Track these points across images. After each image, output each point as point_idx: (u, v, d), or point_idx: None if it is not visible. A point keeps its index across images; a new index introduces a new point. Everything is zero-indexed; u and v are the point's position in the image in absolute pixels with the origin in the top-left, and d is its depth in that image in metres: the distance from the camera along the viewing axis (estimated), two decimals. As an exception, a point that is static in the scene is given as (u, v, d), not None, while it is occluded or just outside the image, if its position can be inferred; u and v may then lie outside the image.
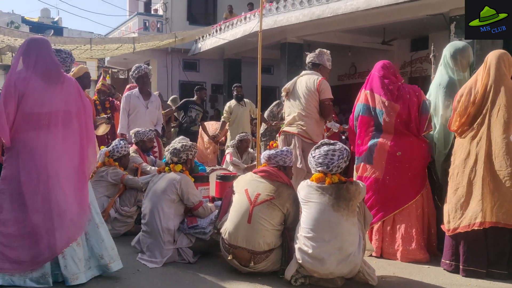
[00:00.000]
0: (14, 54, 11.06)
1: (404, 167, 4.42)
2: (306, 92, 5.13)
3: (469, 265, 3.90)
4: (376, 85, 4.60)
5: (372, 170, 4.53)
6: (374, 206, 4.49)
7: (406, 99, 4.47)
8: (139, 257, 4.24)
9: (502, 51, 4.06)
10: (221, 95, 18.10)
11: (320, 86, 5.07)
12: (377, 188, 4.49)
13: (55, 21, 36.50)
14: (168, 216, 4.22)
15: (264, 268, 3.82)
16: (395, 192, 4.43)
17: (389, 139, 4.49)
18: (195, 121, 8.63)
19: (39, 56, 3.55)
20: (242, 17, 14.90)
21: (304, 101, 5.13)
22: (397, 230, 4.41)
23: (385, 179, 4.46)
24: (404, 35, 14.08)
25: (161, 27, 19.03)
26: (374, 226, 4.49)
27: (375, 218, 4.45)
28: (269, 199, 3.79)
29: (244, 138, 7.52)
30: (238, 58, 18.01)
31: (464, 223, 3.89)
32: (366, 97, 4.66)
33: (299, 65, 14.86)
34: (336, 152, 3.72)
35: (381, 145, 4.50)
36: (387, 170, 4.45)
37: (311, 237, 3.55)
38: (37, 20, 35.27)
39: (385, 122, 4.49)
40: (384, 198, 4.46)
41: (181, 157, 4.47)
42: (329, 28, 12.36)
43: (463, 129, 4.08)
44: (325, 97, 5.09)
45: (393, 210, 4.43)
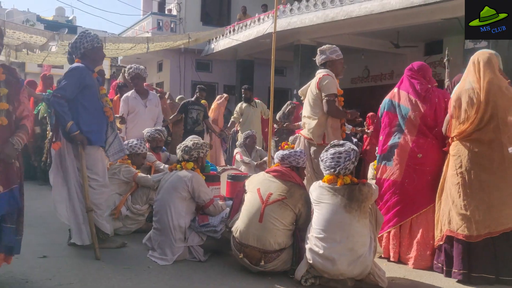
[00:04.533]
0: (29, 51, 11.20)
1: (424, 170, 4.31)
2: (310, 93, 5.03)
3: (479, 271, 3.86)
4: (404, 84, 4.55)
5: (391, 171, 4.44)
6: (392, 209, 4.40)
7: (434, 102, 4.36)
8: (150, 254, 4.26)
9: (489, 51, 4.02)
10: (233, 95, 18.12)
11: (320, 83, 4.87)
12: (395, 191, 4.39)
13: (69, 20, 36.80)
14: (179, 214, 4.24)
15: (274, 267, 3.82)
16: (413, 196, 4.33)
17: (411, 140, 4.37)
18: (198, 121, 8.63)
19: None
20: (256, 18, 14.92)
21: (310, 102, 5.01)
22: (414, 235, 4.31)
23: (403, 182, 4.36)
24: (418, 39, 14.00)
25: (174, 27, 19.11)
26: (391, 230, 4.40)
27: (392, 222, 4.38)
28: (281, 199, 3.80)
29: (249, 135, 7.59)
30: (251, 59, 18.03)
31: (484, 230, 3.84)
32: (393, 94, 4.60)
33: (312, 67, 14.80)
34: (342, 154, 3.73)
35: (402, 146, 4.40)
36: (407, 172, 4.35)
37: (322, 237, 3.55)
38: (51, 19, 35.59)
39: (409, 120, 4.38)
40: (402, 201, 4.35)
41: (192, 155, 4.50)
42: (343, 30, 12.35)
43: (467, 133, 3.98)
44: (325, 93, 4.82)
45: (411, 215, 4.32)
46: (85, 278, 3.67)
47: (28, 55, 12.11)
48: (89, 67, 4.37)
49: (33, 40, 10.86)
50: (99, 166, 4.43)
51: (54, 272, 3.74)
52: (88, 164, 4.30)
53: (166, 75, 19.08)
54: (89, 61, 4.38)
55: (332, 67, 5.02)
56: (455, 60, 4.88)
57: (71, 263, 4.00)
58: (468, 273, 3.89)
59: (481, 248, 3.85)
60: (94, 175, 4.36)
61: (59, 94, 4.19)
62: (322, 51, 5.08)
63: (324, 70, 4.99)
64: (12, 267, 3.76)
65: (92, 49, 4.37)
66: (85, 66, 4.32)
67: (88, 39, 4.35)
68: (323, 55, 5.05)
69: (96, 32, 5.22)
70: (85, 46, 4.34)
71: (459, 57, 9.75)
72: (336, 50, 5.05)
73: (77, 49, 4.37)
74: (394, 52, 14.32)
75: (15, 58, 12.33)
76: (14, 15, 26.72)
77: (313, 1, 12.42)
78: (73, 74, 4.24)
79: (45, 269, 3.80)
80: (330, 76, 4.90)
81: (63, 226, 5.23)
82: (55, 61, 14.25)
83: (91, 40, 4.36)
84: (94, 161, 4.37)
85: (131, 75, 6.60)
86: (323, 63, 5.06)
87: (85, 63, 4.34)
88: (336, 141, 3.95)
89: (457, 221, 3.94)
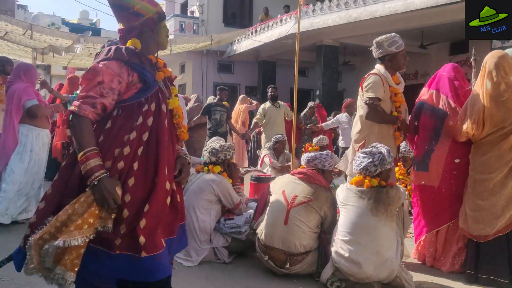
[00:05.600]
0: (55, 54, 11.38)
1: (462, 176, 4.12)
2: (359, 93, 4.50)
3: (489, 274, 3.80)
4: (444, 86, 4.28)
5: (428, 177, 4.27)
6: (428, 215, 4.29)
7: None
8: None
9: (503, 52, 3.91)
10: (255, 97, 18.14)
11: (364, 83, 4.35)
12: (432, 197, 4.26)
13: (93, 23, 37.31)
14: (205, 216, 4.25)
15: (300, 270, 3.80)
16: (450, 202, 4.18)
17: (448, 145, 4.18)
18: (221, 122, 8.64)
19: None
20: (278, 19, 14.91)
21: (358, 103, 4.51)
22: (450, 241, 4.20)
23: (441, 188, 4.20)
24: (443, 38, 13.80)
25: (197, 29, 19.23)
26: (427, 236, 4.30)
27: (429, 227, 4.28)
28: (306, 201, 3.78)
29: (279, 139, 7.51)
30: (273, 60, 18.02)
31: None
32: (431, 97, 4.32)
33: (334, 68, 14.81)
34: (367, 155, 3.69)
35: (438, 151, 4.21)
36: (444, 178, 4.18)
37: (348, 240, 3.52)
38: (76, 22, 36.14)
39: (447, 126, 4.18)
40: (439, 207, 4.23)
41: (219, 157, 4.50)
42: (366, 31, 12.23)
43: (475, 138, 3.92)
44: (366, 95, 4.27)
45: (448, 220, 4.18)
46: (112, 278, 3.69)
47: (54, 58, 12.31)
48: None
49: (58, 43, 11.04)
50: None
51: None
52: None
53: (188, 76, 19.20)
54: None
55: (392, 61, 4.37)
56: (482, 59, 4.75)
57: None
58: (475, 274, 3.86)
59: (492, 249, 3.81)
60: None
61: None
62: (378, 43, 4.40)
63: (377, 68, 4.42)
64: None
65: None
66: None
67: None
68: (380, 49, 4.39)
69: None
70: None
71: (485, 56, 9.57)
72: (395, 41, 4.33)
73: None
74: (418, 52, 14.13)
75: (41, 60, 12.55)
76: (40, 19, 27.21)
77: (336, 2, 12.35)
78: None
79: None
80: (378, 75, 4.32)
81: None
82: (80, 63, 14.46)
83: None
84: None
85: None
86: (382, 57, 4.42)
87: None
88: (374, 143, 3.84)
89: (465, 220, 3.96)
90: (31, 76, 5.48)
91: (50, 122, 5.71)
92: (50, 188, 2.31)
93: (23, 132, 5.27)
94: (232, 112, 10.61)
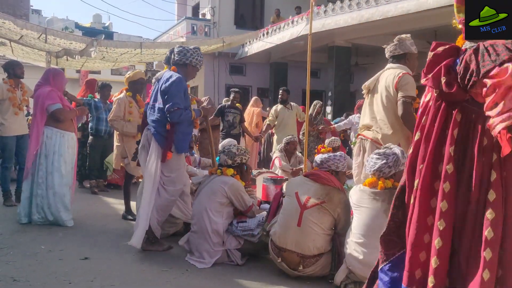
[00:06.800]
0: (69, 58, 11.47)
1: None
2: (384, 91, 4.32)
3: None
4: None
5: None
6: None
7: None
8: (188, 257, 4.29)
9: None
10: (267, 98, 18.14)
11: (400, 82, 4.21)
12: None
13: (106, 26, 37.55)
14: (217, 218, 4.25)
15: (313, 272, 3.78)
16: None
17: None
18: (234, 124, 8.66)
19: None
20: (290, 20, 14.89)
21: (381, 102, 4.34)
22: None
23: None
24: (456, 38, 13.68)
25: (208, 31, 19.29)
26: None
27: None
28: (319, 203, 3.76)
29: (291, 140, 7.49)
30: (285, 61, 18.01)
31: None
32: None
33: (346, 69, 14.75)
34: (380, 156, 3.65)
35: None
36: None
37: (362, 243, 3.49)
38: (89, 26, 36.42)
39: None
40: None
41: (235, 160, 4.50)
42: (378, 31, 12.18)
43: None
44: (404, 93, 4.17)
45: None
46: (126, 280, 3.72)
47: (68, 61, 12.40)
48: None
49: (72, 46, 11.12)
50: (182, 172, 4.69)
51: (95, 273, 3.81)
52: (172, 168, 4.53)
53: (200, 78, 19.26)
54: (184, 73, 4.55)
55: (410, 61, 4.40)
56: (497, 59, 4.70)
57: (112, 265, 4.06)
58: None
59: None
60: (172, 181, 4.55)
61: (179, 106, 4.34)
62: (402, 40, 4.38)
63: (401, 67, 4.34)
64: (56, 268, 3.85)
65: (194, 67, 4.62)
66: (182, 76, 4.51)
67: (199, 58, 4.61)
68: (402, 46, 4.37)
69: (132, 38, 5.43)
70: (192, 61, 4.57)
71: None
72: (414, 43, 4.42)
73: (185, 57, 4.55)
74: (431, 52, 14.03)
75: (55, 64, 12.65)
76: (54, 23, 27.45)
77: (348, 2, 12.30)
78: (182, 86, 4.42)
79: (87, 271, 3.87)
80: (411, 76, 4.27)
81: (103, 229, 5.35)
82: (93, 66, 14.55)
83: (199, 60, 4.62)
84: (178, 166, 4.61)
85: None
86: (401, 55, 4.39)
87: (180, 73, 4.51)
88: (389, 144, 3.81)
89: None
90: (60, 81, 5.68)
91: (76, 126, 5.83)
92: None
93: (47, 135, 5.41)
94: (245, 114, 10.63)
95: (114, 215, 6.19)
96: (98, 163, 8.09)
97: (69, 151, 5.54)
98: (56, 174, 5.39)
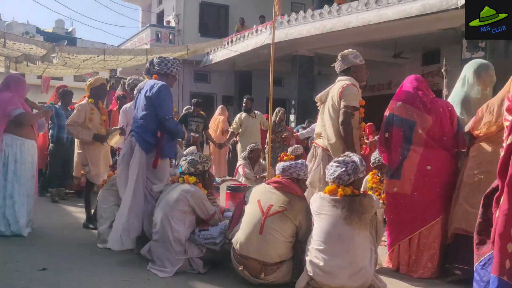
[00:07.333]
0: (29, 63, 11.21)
1: (433, 182, 4.26)
2: (331, 101, 4.70)
3: None
4: (410, 97, 4.44)
5: (401, 185, 4.35)
6: (402, 222, 4.36)
7: (439, 112, 4.32)
8: (150, 266, 4.24)
9: None
10: (232, 106, 18.17)
11: (343, 92, 4.57)
12: (405, 204, 4.32)
13: (68, 32, 36.86)
14: (180, 227, 4.22)
15: (275, 279, 3.80)
16: (423, 209, 4.27)
17: (419, 153, 4.29)
18: (197, 132, 8.67)
19: None
20: (254, 29, 15.01)
21: (330, 111, 4.69)
22: (423, 247, 4.27)
23: (413, 195, 4.28)
24: (415, 49, 14.08)
25: (173, 39, 19.22)
26: (401, 244, 4.36)
27: (403, 235, 4.34)
28: (281, 211, 3.79)
29: (255, 148, 7.54)
30: (249, 70, 18.11)
31: None
32: (398, 109, 4.47)
33: (309, 78, 14.96)
34: (340, 164, 3.74)
35: (410, 159, 4.32)
36: (416, 185, 4.27)
37: (322, 249, 3.54)
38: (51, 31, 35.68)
39: (417, 134, 4.32)
40: (412, 214, 4.30)
41: (197, 168, 4.50)
42: (340, 41, 12.40)
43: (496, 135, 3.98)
44: (346, 103, 4.55)
45: (421, 227, 4.26)
46: (85, 291, 3.65)
47: (28, 67, 12.13)
48: None
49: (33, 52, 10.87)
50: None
51: (53, 285, 3.72)
52: (159, 174, 4.70)
53: (164, 86, 19.14)
54: (165, 82, 4.75)
55: (356, 73, 4.77)
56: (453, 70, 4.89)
57: (71, 276, 3.98)
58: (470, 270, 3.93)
59: None
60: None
61: (171, 116, 4.66)
62: (344, 56, 4.79)
63: (348, 79, 4.71)
64: (11, 280, 3.75)
65: (174, 77, 4.91)
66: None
67: (179, 68, 4.90)
68: (346, 61, 4.77)
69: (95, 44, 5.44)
70: (173, 70, 4.83)
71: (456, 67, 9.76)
72: (358, 55, 4.80)
73: (166, 67, 4.79)
74: (392, 62, 14.38)
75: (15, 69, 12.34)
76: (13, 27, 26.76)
77: (311, 12, 12.51)
78: (169, 93, 4.73)
79: (44, 282, 3.78)
80: (355, 87, 4.66)
81: (63, 238, 5.24)
82: (55, 72, 14.27)
83: (179, 70, 4.92)
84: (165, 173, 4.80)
85: (130, 86, 6.70)
86: (346, 69, 4.78)
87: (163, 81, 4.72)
88: (347, 152, 3.93)
89: (466, 218, 3.97)
90: (21, 88, 5.54)
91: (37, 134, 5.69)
92: None
93: (7, 142, 5.26)
94: (210, 122, 10.65)
95: (74, 224, 6.08)
96: (59, 171, 7.94)
97: (29, 159, 5.41)
98: (16, 183, 5.26)
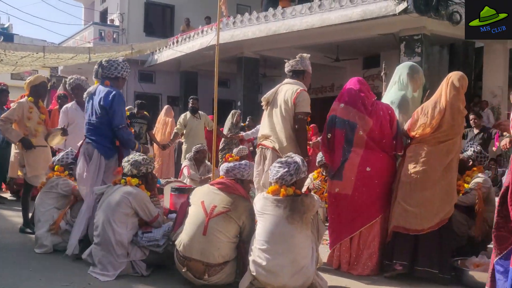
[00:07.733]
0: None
1: (373, 183, 4.41)
2: (283, 104, 4.68)
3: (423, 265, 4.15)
4: (352, 99, 4.55)
5: (342, 186, 4.48)
6: (343, 222, 4.49)
7: (380, 115, 4.46)
8: (91, 270, 4.14)
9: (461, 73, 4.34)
10: (177, 107, 17.98)
11: (298, 98, 4.59)
12: (346, 204, 4.45)
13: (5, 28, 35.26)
14: (122, 229, 4.14)
15: (218, 280, 3.81)
16: (363, 208, 4.41)
17: (360, 154, 4.42)
18: (140, 134, 8.56)
19: None
20: (199, 30, 14.94)
21: (281, 114, 4.68)
22: (363, 245, 4.42)
23: (354, 195, 4.42)
24: (356, 53, 14.47)
25: (117, 38, 18.81)
26: (342, 242, 4.49)
27: (344, 234, 4.47)
28: (225, 211, 3.81)
29: (200, 149, 7.53)
30: (195, 70, 17.99)
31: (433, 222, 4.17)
32: (341, 110, 4.57)
33: (255, 79, 15.06)
34: (282, 165, 3.81)
35: (351, 160, 4.44)
36: (356, 186, 4.41)
37: (265, 249, 3.59)
38: (-15, 26, 34.03)
39: (358, 136, 4.44)
40: (352, 214, 4.44)
41: (140, 170, 4.42)
42: (285, 44, 12.58)
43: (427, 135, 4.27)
44: (300, 110, 4.60)
45: (361, 226, 4.40)
46: (22, 297, 3.53)
47: (-40, 64, 11.56)
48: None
49: (-35, 49, 10.38)
50: None
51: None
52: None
53: (107, 86, 18.72)
54: (116, 86, 4.76)
55: (307, 78, 4.85)
56: (392, 73, 5.11)
57: (7, 282, 3.82)
58: (410, 265, 4.18)
59: (427, 242, 4.16)
60: None
61: (124, 124, 4.69)
62: (303, 58, 4.82)
63: (299, 84, 4.74)
64: None
65: (124, 79, 4.87)
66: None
67: (128, 70, 4.87)
68: (304, 63, 4.81)
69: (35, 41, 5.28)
70: (123, 74, 4.80)
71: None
72: (310, 63, 4.87)
73: (116, 71, 4.74)
74: (334, 66, 14.70)
75: None
76: None
77: (256, 14, 12.60)
78: (123, 102, 4.72)
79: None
80: (307, 93, 4.72)
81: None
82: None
83: (128, 73, 4.88)
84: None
85: (71, 85, 6.51)
86: (299, 71, 4.80)
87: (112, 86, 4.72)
88: (291, 153, 4.01)
89: (404, 216, 4.22)
90: None
91: None
92: None
93: None
94: (157, 123, 10.52)
95: (11, 229, 5.84)
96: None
97: None
98: None
